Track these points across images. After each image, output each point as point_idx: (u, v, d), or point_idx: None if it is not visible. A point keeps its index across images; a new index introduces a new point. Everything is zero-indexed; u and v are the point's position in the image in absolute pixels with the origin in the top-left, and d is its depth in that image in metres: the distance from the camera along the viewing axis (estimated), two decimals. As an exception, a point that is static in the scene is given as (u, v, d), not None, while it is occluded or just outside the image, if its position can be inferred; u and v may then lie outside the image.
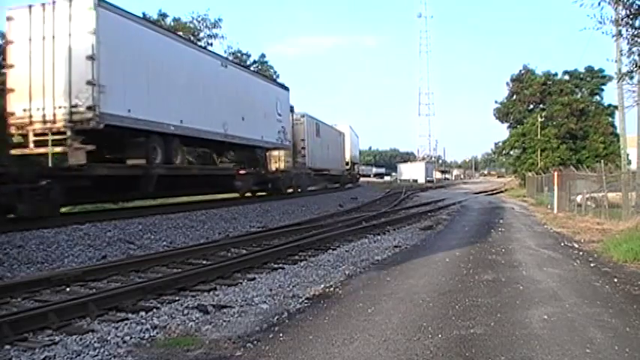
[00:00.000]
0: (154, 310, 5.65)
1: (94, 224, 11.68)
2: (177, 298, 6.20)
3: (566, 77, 46.03)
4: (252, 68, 36.84)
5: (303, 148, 28.89)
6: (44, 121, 12.53)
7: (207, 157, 20.34)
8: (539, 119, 42.48)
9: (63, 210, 15.33)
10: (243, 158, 21.75)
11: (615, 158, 27.33)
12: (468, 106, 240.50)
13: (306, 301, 6.05)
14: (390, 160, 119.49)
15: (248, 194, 22.71)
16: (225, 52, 37.42)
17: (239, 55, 41.53)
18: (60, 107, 12.41)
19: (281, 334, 4.79)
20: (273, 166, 25.90)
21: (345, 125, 43.19)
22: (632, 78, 14.21)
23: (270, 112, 23.16)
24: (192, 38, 31.51)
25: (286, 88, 26.62)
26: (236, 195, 21.85)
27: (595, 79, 44.35)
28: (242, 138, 20.02)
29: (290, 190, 26.20)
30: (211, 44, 35.51)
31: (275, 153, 25.89)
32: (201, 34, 35.99)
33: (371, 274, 7.64)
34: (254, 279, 7.34)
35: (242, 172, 20.95)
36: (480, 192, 41.04)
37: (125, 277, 7.55)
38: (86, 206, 15.91)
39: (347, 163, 42.66)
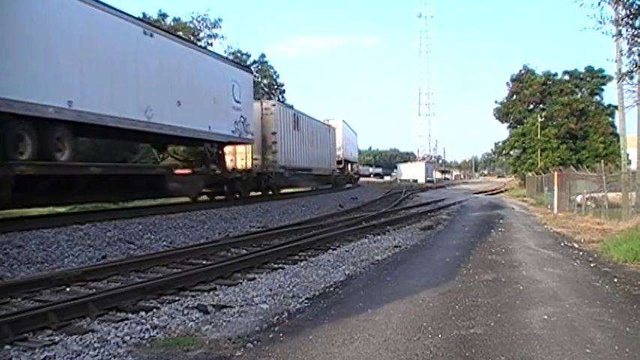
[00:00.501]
0: (154, 310, 5.65)
1: (94, 224, 11.69)
2: (177, 298, 6.20)
3: (566, 77, 46.02)
4: (252, 68, 36.26)
5: (275, 142, 24.02)
6: None
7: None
8: (539, 119, 42.48)
9: (63, 210, 15.44)
10: (189, 154, 18.24)
11: (615, 158, 27.34)
12: (468, 106, 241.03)
13: (306, 301, 6.05)
14: (390, 160, 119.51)
15: (205, 197, 19.86)
16: (225, 51, 37.35)
17: (239, 54, 41.56)
18: None
19: (281, 334, 4.79)
20: (239, 165, 21.85)
21: (338, 120, 39.17)
22: (632, 78, 14.25)
23: (223, 98, 18.45)
24: (192, 38, 31.43)
25: (248, 70, 22.13)
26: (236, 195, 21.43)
27: (595, 79, 44.35)
28: (176, 128, 15.58)
29: (258, 193, 22.65)
30: (211, 44, 35.56)
31: (241, 149, 21.83)
32: (201, 34, 36.07)
33: (371, 274, 7.64)
34: (254, 279, 7.34)
35: (181, 171, 16.99)
36: (480, 192, 41.05)
37: (125, 277, 7.55)
38: (86, 206, 15.93)
39: (339, 162, 38.65)
